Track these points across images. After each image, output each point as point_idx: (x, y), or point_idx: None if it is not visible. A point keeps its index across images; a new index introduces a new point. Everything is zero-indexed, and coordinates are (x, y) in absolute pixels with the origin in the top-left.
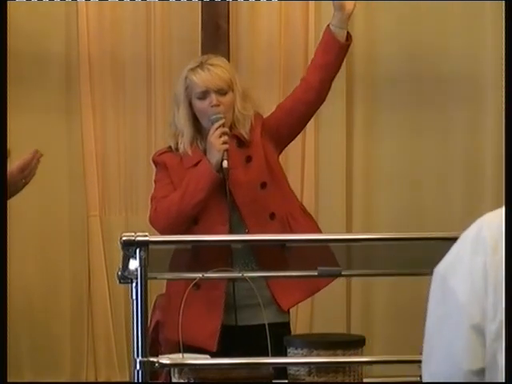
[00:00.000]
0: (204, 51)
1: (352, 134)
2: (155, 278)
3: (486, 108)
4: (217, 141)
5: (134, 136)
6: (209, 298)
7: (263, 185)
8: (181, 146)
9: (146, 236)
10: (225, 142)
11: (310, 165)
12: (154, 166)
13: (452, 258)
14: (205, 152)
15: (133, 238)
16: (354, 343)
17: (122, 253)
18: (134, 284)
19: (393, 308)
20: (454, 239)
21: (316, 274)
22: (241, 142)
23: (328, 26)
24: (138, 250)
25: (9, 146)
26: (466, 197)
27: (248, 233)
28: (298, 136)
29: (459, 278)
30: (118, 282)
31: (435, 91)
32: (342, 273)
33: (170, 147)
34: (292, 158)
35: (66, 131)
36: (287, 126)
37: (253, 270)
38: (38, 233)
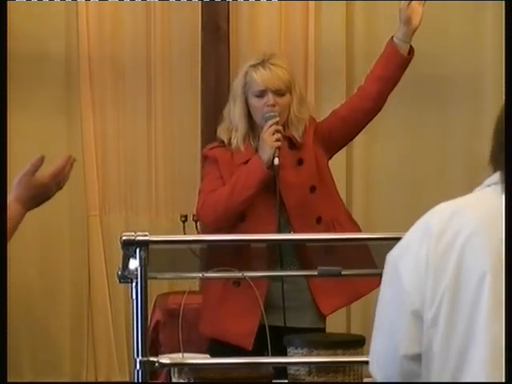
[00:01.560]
0: (204, 51)
1: None
2: (155, 278)
3: (486, 108)
4: (270, 138)
5: (134, 136)
6: (249, 296)
7: (312, 188)
8: (234, 141)
9: (146, 236)
10: (278, 140)
11: None
12: (199, 161)
13: (402, 245)
14: (257, 150)
15: (133, 238)
16: (354, 343)
17: (121, 252)
18: (133, 284)
19: None
20: None
21: (316, 273)
22: (292, 144)
23: (392, 38)
24: (137, 250)
25: (42, 154)
26: None
27: None
28: None
29: (406, 265)
30: (118, 281)
31: (435, 91)
32: (342, 273)
33: (221, 142)
34: None
35: (66, 131)
36: (340, 133)
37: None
38: (38, 233)
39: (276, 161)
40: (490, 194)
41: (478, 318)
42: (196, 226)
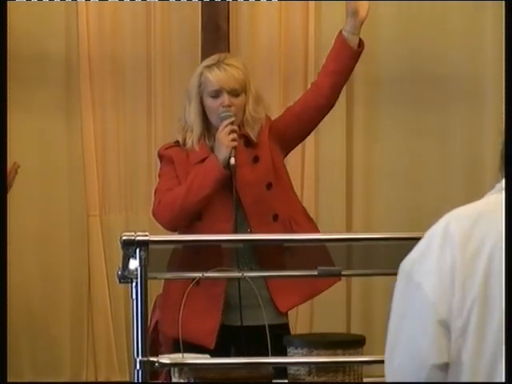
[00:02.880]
0: (204, 51)
1: (352, 133)
2: (155, 278)
3: (486, 108)
4: (226, 138)
5: (134, 136)
6: (208, 295)
7: (269, 185)
8: (189, 142)
9: (146, 236)
10: (233, 140)
11: (310, 165)
12: (158, 160)
13: (418, 254)
14: (212, 149)
15: (133, 238)
16: (354, 343)
17: (121, 252)
18: (133, 284)
19: None
20: None
21: (316, 273)
22: (248, 142)
23: (340, 31)
24: (137, 250)
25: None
26: (465, 196)
27: (250, 232)
28: None
29: (426, 274)
30: (118, 281)
31: (435, 91)
32: (342, 273)
33: (176, 142)
34: (292, 157)
35: (66, 131)
36: (295, 130)
37: (252, 270)
38: (38, 232)
39: (232, 160)
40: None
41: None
42: None
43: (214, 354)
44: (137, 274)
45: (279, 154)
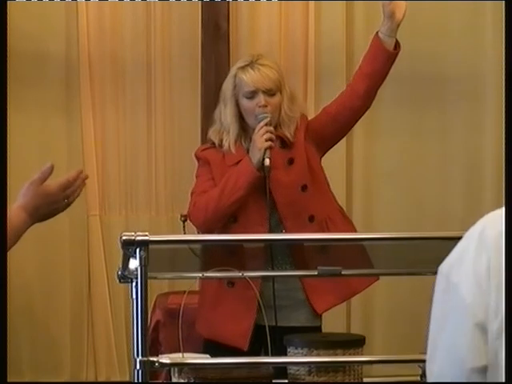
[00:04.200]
0: (204, 51)
1: (352, 133)
2: (155, 278)
3: (486, 107)
4: (260, 139)
5: (134, 136)
6: (243, 297)
7: (304, 187)
8: (225, 144)
9: (146, 236)
10: (269, 140)
11: None
12: (196, 161)
13: (456, 257)
14: (248, 151)
15: (133, 238)
16: (354, 343)
17: (122, 252)
18: (133, 284)
19: (393, 308)
20: (454, 239)
21: (316, 273)
22: (284, 143)
23: (376, 33)
24: (137, 250)
25: (51, 163)
26: (465, 196)
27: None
28: None
29: (463, 277)
30: (118, 281)
31: (435, 91)
32: (342, 273)
33: (213, 143)
34: None
35: (66, 131)
36: (331, 131)
37: (287, 271)
38: (37, 232)
39: (267, 162)
40: None
41: None
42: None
43: (248, 356)
44: (137, 274)
45: (315, 154)
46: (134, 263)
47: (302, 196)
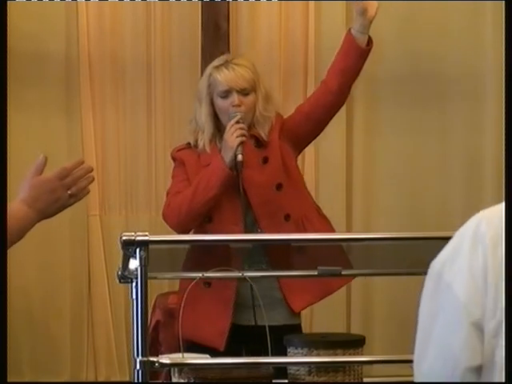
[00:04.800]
0: (204, 51)
1: (352, 133)
2: (155, 278)
3: (486, 107)
4: (231, 137)
5: (134, 136)
6: (219, 297)
7: (279, 186)
8: (200, 143)
9: (146, 236)
10: (241, 135)
11: (310, 164)
12: (172, 162)
13: (448, 254)
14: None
15: (133, 238)
16: (354, 343)
17: (121, 252)
18: (133, 284)
19: (393, 308)
20: None
21: (316, 273)
22: (259, 143)
23: (349, 30)
24: (137, 250)
25: (44, 154)
26: (466, 196)
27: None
28: None
29: (457, 275)
30: (118, 281)
31: (435, 91)
32: (342, 273)
33: (188, 144)
34: None
35: (66, 131)
36: (306, 129)
37: (262, 271)
38: (38, 233)
39: (239, 157)
40: None
41: None
42: None
43: (225, 355)
44: (137, 274)
45: (290, 153)
46: (133, 263)
47: (277, 195)
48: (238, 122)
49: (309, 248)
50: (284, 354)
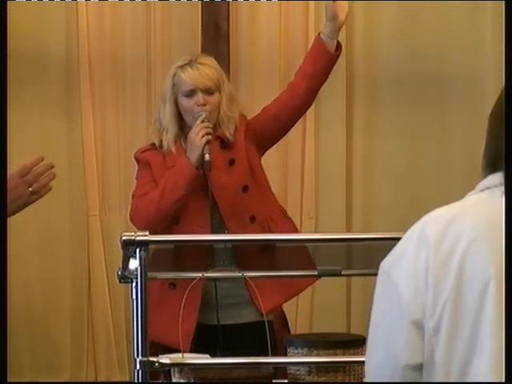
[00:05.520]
0: (204, 51)
1: (352, 133)
2: (155, 278)
3: (486, 108)
4: (197, 136)
5: (133, 136)
6: (185, 298)
7: (245, 188)
8: (165, 144)
9: (146, 236)
10: (207, 134)
11: (310, 164)
12: (135, 164)
13: (397, 254)
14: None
15: (133, 238)
16: (354, 343)
17: (121, 252)
18: (133, 284)
19: None
20: None
21: (316, 273)
22: (224, 144)
23: (318, 34)
24: (137, 250)
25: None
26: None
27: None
28: (298, 135)
29: (402, 274)
30: (118, 281)
31: (435, 91)
32: (342, 273)
33: (153, 145)
34: (292, 157)
35: (66, 131)
36: (272, 130)
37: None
38: (38, 233)
39: (207, 157)
40: (485, 198)
41: (482, 326)
42: None
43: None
44: (137, 274)
45: (255, 154)
46: (133, 263)
47: (243, 197)
48: (203, 122)
49: (276, 249)
50: (258, 350)
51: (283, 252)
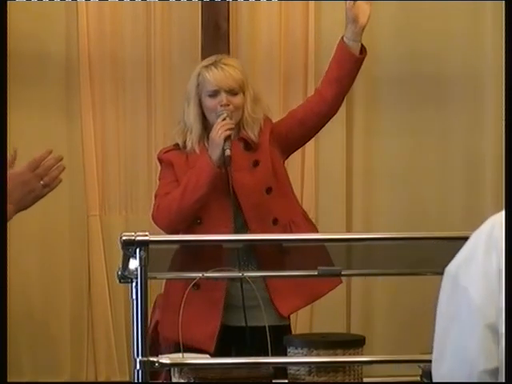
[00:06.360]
0: (204, 51)
1: (352, 133)
2: (155, 278)
3: (486, 108)
4: (217, 134)
5: (134, 136)
6: (209, 299)
7: (268, 190)
8: (188, 144)
9: (146, 236)
10: (227, 130)
11: (310, 165)
12: (158, 164)
13: (464, 258)
14: None
15: (133, 238)
16: (354, 343)
17: (121, 252)
18: (133, 284)
19: (393, 308)
20: (454, 239)
21: (316, 273)
22: (248, 146)
23: (342, 38)
24: (137, 250)
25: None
26: (465, 197)
27: None
28: None
29: (472, 278)
30: (118, 281)
31: (435, 91)
32: (342, 273)
33: (176, 145)
34: (292, 158)
35: (66, 131)
36: (297, 135)
37: (253, 272)
38: (38, 232)
39: (227, 152)
40: None
41: None
42: None
43: (215, 356)
44: (137, 274)
45: (279, 157)
46: (133, 263)
47: (267, 199)
48: (224, 120)
49: (296, 251)
50: (274, 354)
51: (303, 253)
